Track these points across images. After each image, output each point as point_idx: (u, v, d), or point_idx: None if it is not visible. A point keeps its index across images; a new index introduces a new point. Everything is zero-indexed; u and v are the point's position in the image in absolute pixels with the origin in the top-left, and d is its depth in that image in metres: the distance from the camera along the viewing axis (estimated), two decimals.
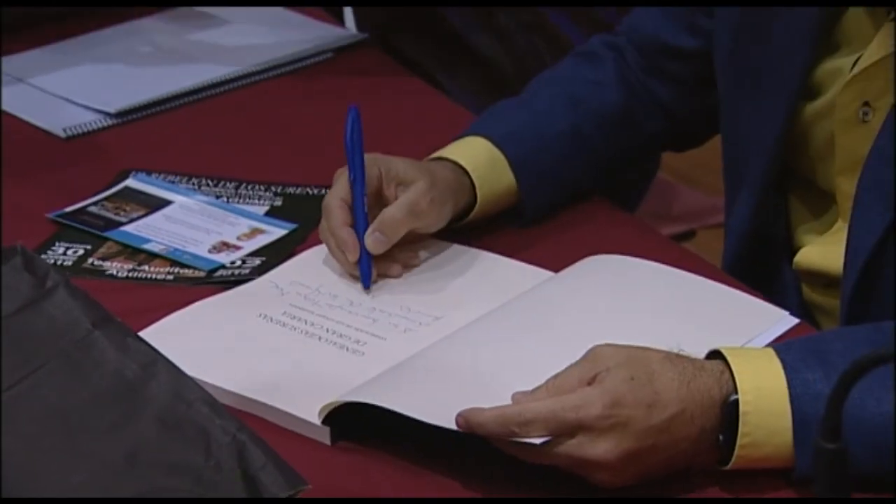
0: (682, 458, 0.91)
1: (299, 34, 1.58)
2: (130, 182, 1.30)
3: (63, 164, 1.35)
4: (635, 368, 0.90)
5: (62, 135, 1.39)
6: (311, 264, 1.16)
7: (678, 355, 0.92)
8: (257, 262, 1.17)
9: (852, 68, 1.07)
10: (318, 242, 1.17)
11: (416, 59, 1.59)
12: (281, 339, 1.07)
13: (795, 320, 1.06)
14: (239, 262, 1.18)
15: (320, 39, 1.56)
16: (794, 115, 1.13)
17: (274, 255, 1.18)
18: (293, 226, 1.22)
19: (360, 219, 1.11)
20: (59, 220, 1.24)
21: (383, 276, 1.13)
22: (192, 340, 1.05)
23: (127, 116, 1.42)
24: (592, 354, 0.92)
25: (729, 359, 0.91)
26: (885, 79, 1.05)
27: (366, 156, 1.13)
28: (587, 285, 1.10)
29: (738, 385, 0.90)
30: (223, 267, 1.17)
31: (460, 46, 1.60)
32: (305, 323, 1.08)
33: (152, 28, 1.61)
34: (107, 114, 1.42)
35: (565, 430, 0.88)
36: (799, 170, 1.16)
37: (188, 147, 1.38)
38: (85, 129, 1.40)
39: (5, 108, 1.44)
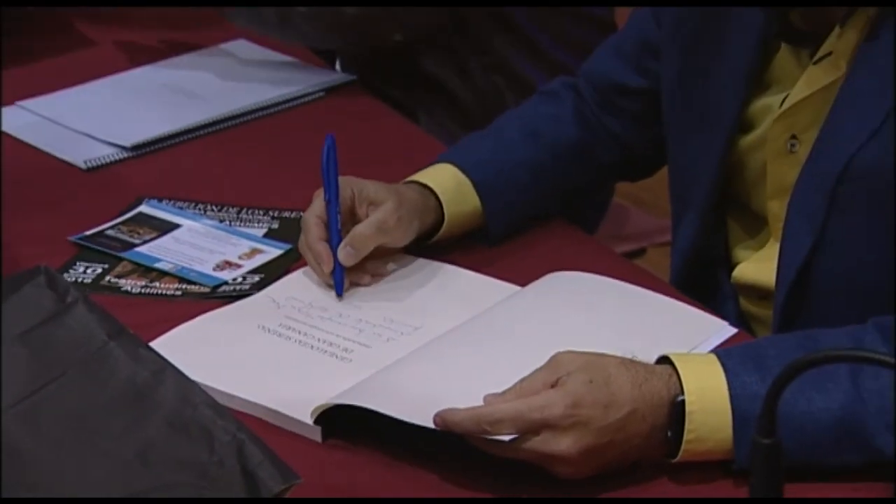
0: (635, 453, 0.90)
1: (295, 76, 1.57)
2: (143, 208, 1.29)
3: (84, 193, 1.34)
4: (593, 373, 0.89)
5: (83, 166, 1.38)
6: (305, 281, 1.15)
7: (632, 361, 0.92)
8: (256, 278, 1.17)
9: (781, 105, 1.07)
10: None
11: (394, 97, 1.58)
12: (277, 347, 1.06)
13: (734, 330, 1.06)
14: (240, 279, 1.17)
15: (313, 81, 1.55)
16: (731, 147, 1.12)
17: (271, 273, 1.17)
18: (288, 246, 1.21)
19: (334, 234, 1.11)
20: (80, 242, 1.23)
21: (355, 284, 1.13)
22: (197, 349, 1.04)
23: (141, 150, 1.41)
24: (555, 360, 0.91)
25: (676, 363, 0.91)
26: (809, 114, 1.05)
27: (340, 178, 1.12)
28: (550, 299, 1.10)
29: (684, 387, 0.89)
30: (226, 283, 1.16)
31: (432, 86, 1.60)
32: (299, 333, 1.07)
33: (163, 71, 1.60)
34: (123, 147, 1.41)
35: (531, 428, 0.88)
36: (736, 195, 1.16)
37: (195, 177, 1.37)
38: (103, 162, 1.39)
39: (34, 143, 1.43)
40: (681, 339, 1.02)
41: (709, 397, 0.89)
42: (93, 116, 1.47)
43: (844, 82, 1.02)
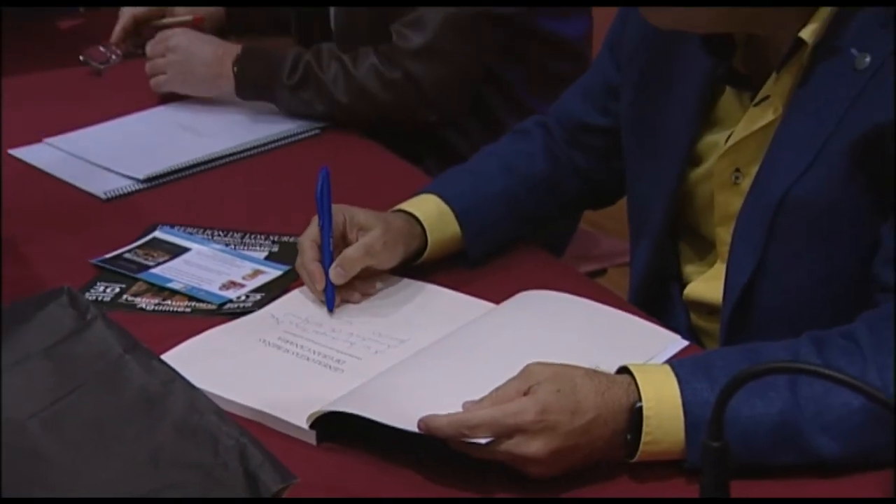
0: (598, 454, 0.89)
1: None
2: (157, 234, 1.28)
3: (104, 220, 1.33)
4: (561, 382, 0.89)
5: (103, 197, 1.37)
6: (301, 299, 1.14)
7: (595, 371, 0.91)
8: (258, 297, 1.16)
9: (726, 142, 1.07)
10: None
11: (394, 145, 1.56)
12: (276, 359, 1.05)
13: (685, 342, 1.05)
14: (243, 297, 1.16)
15: (311, 120, 1.54)
16: (683, 179, 1.12)
17: (271, 292, 1.16)
18: (287, 268, 1.20)
19: (327, 256, 1.10)
20: (100, 264, 1.22)
21: (346, 301, 1.12)
22: (205, 361, 1.03)
23: (154, 181, 1.40)
24: (527, 371, 0.91)
25: (635, 373, 0.90)
26: (751, 151, 1.05)
27: (334, 206, 1.12)
28: (522, 315, 1.09)
29: (641, 394, 0.89)
30: (231, 301, 1.15)
31: (433, 139, 1.58)
32: (296, 346, 1.06)
33: (175, 111, 1.59)
34: (137, 179, 1.40)
35: (505, 432, 0.87)
36: (687, 221, 1.16)
37: (204, 205, 1.36)
38: (121, 192, 1.38)
39: (59, 176, 1.41)
40: (638, 350, 1.01)
41: (664, 404, 0.88)
42: (112, 151, 1.46)
43: (781, 123, 1.01)
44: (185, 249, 1.24)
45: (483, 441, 0.87)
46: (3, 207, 1.28)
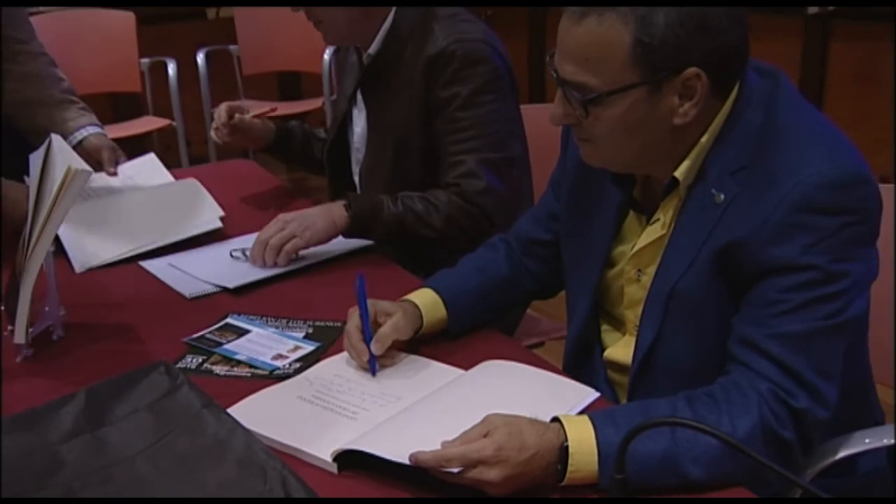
0: (537, 480, 0.91)
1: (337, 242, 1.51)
2: (229, 319, 1.29)
3: (192, 310, 1.33)
4: (512, 428, 0.91)
5: (188, 296, 1.37)
6: (328, 368, 1.15)
7: (535, 420, 0.93)
8: (298, 365, 1.17)
9: (632, 250, 1.11)
10: (336, 354, 1.17)
11: (402, 261, 1.53)
12: (310, 410, 1.06)
13: (598, 394, 1.06)
14: (287, 366, 1.17)
15: (345, 245, 1.51)
16: (602, 277, 1.15)
17: (307, 362, 1.18)
18: (319, 344, 1.22)
19: (367, 335, 1.13)
20: (189, 342, 1.23)
21: (382, 366, 1.13)
22: (259, 412, 1.04)
23: (240, 291, 1.38)
24: (487, 419, 0.93)
25: (563, 422, 0.92)
26: (649, 256, 1.08)
27: (367, 300, 1.14)
28: (484, 378, 1.10)
29: (568, 437, 0.91)
30: (279, 369, 1.17)
31: (430, 258, 1.55)
32: (324, 401, 1.07)
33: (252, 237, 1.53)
34: (226, 289, 1.37)
35: (471, 464, 0.89)
36: (604, 306, 1.18)
37: (262, 301, 1.36)
38: (204, 293, 1.38)
39: (168, 282, 1.39)
40: (564, 402, 1.03)
41: (583, 444, 0.90)
42: (206, 266, 1.44)
43: (669, 237, 1.05)
44: (248, 331, 1.26)
45: (455, 470, 0.89)
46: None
